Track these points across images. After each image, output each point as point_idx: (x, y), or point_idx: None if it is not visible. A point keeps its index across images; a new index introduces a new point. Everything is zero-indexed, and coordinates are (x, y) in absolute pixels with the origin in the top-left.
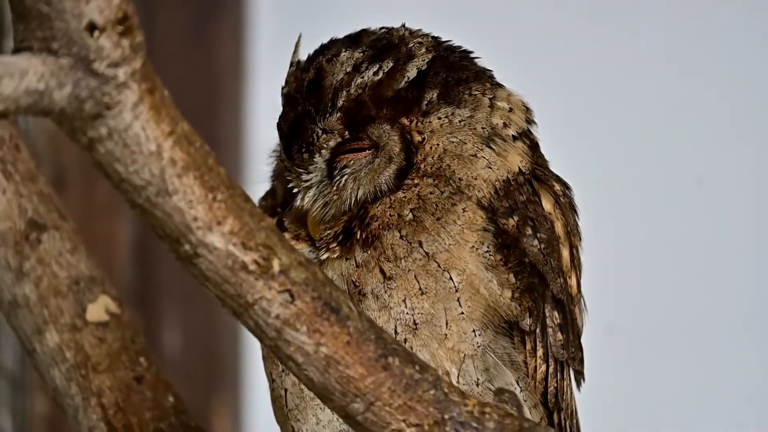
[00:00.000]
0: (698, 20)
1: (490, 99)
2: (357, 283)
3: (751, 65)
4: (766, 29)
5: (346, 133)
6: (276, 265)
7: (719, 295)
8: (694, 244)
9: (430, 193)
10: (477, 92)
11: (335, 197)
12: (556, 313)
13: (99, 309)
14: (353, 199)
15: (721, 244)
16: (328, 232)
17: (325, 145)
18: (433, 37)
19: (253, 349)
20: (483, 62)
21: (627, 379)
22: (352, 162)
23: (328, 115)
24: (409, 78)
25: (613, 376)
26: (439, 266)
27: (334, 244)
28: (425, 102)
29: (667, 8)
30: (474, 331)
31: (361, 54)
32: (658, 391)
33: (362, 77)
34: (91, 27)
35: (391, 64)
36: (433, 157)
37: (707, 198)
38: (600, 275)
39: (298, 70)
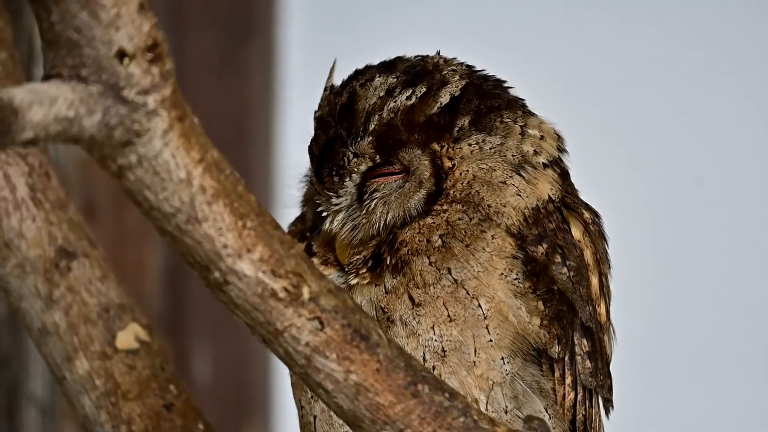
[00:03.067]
0: (698, 21)
1: (521, 126)
2: (386, 310)
3: (751, 65)
4: (766, 29)
5: (377, 157)
6: (306, 293)
7: (719, 295)
8: (694, 244)
9: (459, 219)
10: (508, 120)
11: (364, 221)
12: (584, 341)
13: (129, 336)
14: (382, 222)
15: (721, 244)
16: (357, 257)
17: (356, 169)
18: (467, 66)
19: (282, 376)
20: (515, 91)
21: (624, 378)
22: (382, 186)
23: (359, 139)
24: (441, 103)
25: (626, 375)
26: (467, 293)
27: (364, 270)
28: (457, 128)
29: (668, 9)
30: (503, 358)
31: (395, 79)
32: (655, 391)
33: (395, 101)
34: (121, 54)
35: (424, 90)
36: (462, 183)
37: (707, 198)
38: None
39: (331, 94)
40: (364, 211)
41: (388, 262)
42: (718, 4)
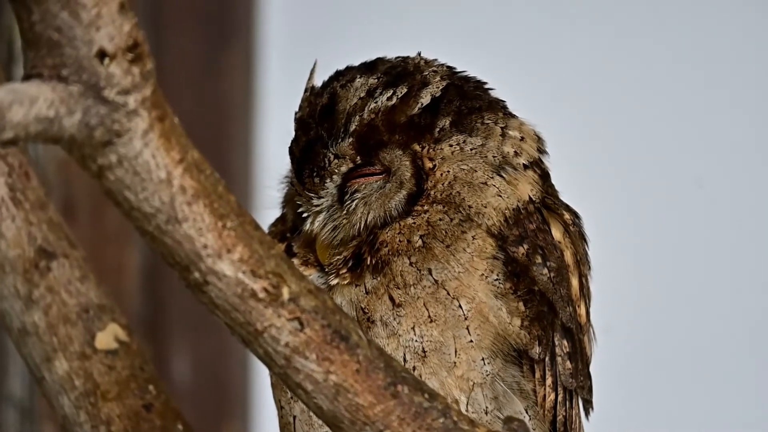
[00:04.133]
0: (698, 20)
1: (502, 128)
2: (366, 310)
3: (752, 65)
4: (766, 29)
5: (358, 158)
6: (285, 293)
7: (718, 296)
8: (694, 245)
9: (440, 219)
10: (489, 121)
11: (344, 221)
12: (565, 342)
13: (108, 337)
14: (363, 223)
15: (721, 245)
16: (338, 257)
17: (336, 170)
18: (448, 67)
19: (262, 376)
20: (497, 93)
21: (624, 378)
22: (363, 186)
23: (340, 140)
24: (422, 104)
25: (611, 376)
26: (448, 294)
27: (344, 270)
28: (438, 129)
29: (668, 8)
30: (483, 359)
31: (376, 80)
32: (656, 391)
33: (375, 102)
34: (102, 54)
35: (405, 90)
36: (443, 184)
37: (707, 198)
38: (599, 275)
39: (312, 95)
40: (344, 212)
41: (369, 262)
42: (718, 4)
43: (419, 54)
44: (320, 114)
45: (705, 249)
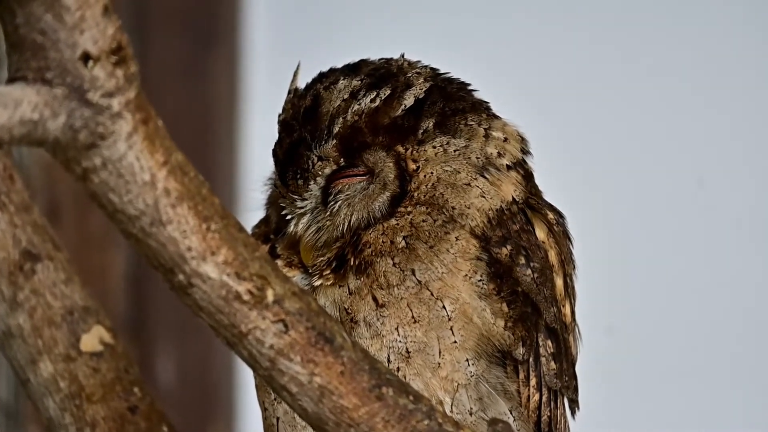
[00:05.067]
0: (698, 20)
1: (485, 129)
2: (349, 311)
3: (752, 66)
4: (766, 30)
5: (342, 160)
6: (270, 295)
7: (719, 296)
8: (695, 245)
9: (423, 221)
10: (473, 122)
11: (328, 222)
12: (549, 342)
13: (93, 339)
14: (346, 224)
15: (721, 245)
16: (321, 259)
17: (320, 172)
18: (431, 68)
19: (247, 378)
20: (480, 94)
21: (626, 379)
22: (346, 186)
23: (323, 142)
24: (406, 106)
25: (613, 377)
26: (432, 295)
27: (328, 271)
28: (421, 130)
29: (667, 9)
30: (467, 360)
31: (359, 82)
32: (658, 391)
33: (359, 104)
34: (86, 57)
35: (389, 92)
36: (426, 186)
37: (707, 198)
38: (600, 276)
39: (295, 97)
40: (328, 213)
41: (352, 263)
42: (719, 4)
43: (402, 56)
44: (304, 116)
45: (705, 249)
